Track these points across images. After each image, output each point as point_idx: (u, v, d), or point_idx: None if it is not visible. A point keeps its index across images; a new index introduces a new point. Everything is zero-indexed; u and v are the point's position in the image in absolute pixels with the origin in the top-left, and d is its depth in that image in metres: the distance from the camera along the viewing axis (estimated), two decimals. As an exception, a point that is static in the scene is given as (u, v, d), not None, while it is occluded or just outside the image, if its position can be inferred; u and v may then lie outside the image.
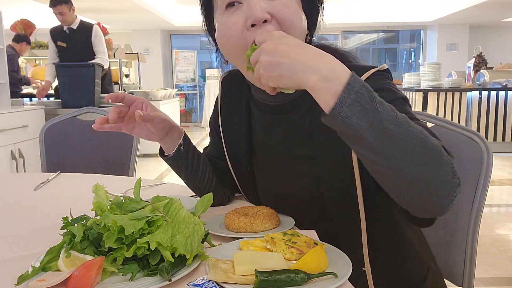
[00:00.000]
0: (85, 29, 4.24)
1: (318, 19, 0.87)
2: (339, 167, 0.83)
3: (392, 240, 0.90)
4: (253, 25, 0.76)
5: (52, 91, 5.09)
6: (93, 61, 4.10)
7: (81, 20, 4.27)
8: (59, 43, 4.26)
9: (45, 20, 4.43)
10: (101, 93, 4.06)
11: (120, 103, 0.88)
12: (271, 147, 0.95)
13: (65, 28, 4.23)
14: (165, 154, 0.97)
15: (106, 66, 4.32)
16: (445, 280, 1.07)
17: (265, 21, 0.75)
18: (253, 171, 1.00)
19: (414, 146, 0.59)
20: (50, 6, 4.08)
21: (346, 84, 0.58)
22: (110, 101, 0.86)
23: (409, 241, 0.92)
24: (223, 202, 1.08)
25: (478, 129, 5.85)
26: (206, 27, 0.90)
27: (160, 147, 0.98)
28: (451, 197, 0.63)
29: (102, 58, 4.24)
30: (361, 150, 0.63)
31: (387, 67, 0.85)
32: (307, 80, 0.60)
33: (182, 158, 0.97)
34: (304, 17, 0.81)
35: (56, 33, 4.28)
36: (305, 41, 0.85)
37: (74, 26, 4.22)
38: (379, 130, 0.58)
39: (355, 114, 0.57)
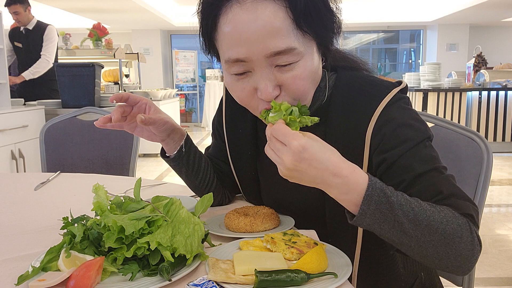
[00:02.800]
0: (40, 29, 4.23)
1: (334, 42, 0.82)
2: None
3: (382, 258, 0.89)
4: None
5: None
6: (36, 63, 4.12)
7: (38, 21, 4.26)
8: (15, 43, 4.28)
9: (45, 20, 4.42)
10: (34, 98, 4.00)
11: (123, 103, 0.88)
12: None
13: (21, 28, 4.23)
14: (166, 155, 0.97)
15: (43, 70, 4.20)
16: (446, 280, 1.07)
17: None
18: (257, 175, 0.99)
19: (433, 239, 0.65)
20: (5, 6, 4.08)
21: (365, 196, 0.63)
22: (115, 101, 0.85)
23: (400, 257, 0.91)
24: (223, 202, 1.08)
25: (478, 129, 5.85)
26: (210, 55, 0.83)
27: (162, 147, 0.98)
28: (470, 265, 0.68)
29: (43, 59, 4.18)
30: (385, 239, 0.68)
31: (406, 83, 0.84)
32: (328, 191, 0.65)
33: (183, 160, 0.96)
34: (319, 60, 0.78)
35: (14, 33, 4.30)
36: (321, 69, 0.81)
37: (30, 27, 4.22)
38: (400, 230, 0.64)
39: (377, 222, 0.64)
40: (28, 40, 4.24)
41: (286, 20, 0.69)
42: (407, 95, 0.85)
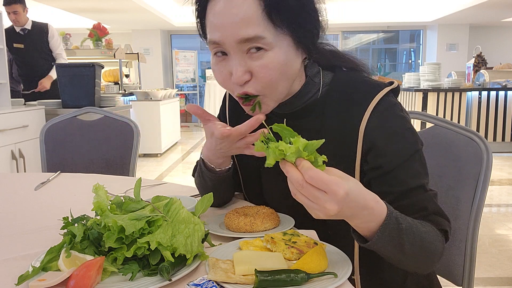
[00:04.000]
0: (40, 28, 4.24)
1: (317, 41, 0.85)
2: None
3: (376, 256, 0.90)
4: None
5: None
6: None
7: (33, 21, 4.27)
8: (15, 45, 4.25)
9: (45, 20, 4.43)
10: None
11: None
12: None
13: (18, 29, 4.21)
14: (217, 169, 0.95)
15: None
16: (446, 280, 1.07)
17: (247, 81, 0.78)
18: (259, 169, 1.00)
19: (421, 255, 0.74)
20: (4, 5, 4.07)
21: (382, 224, 0.67)
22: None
23: None
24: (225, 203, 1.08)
25: (478, 129, 5.85)
26: (204, 39, 0.89)
27: (199, 167, 0.97)
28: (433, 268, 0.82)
29: (60, 59, 4.26)
30: (380, 254, 0.73)
31: (398, 84, 0.87)
32: (351, 221, 0.67)
33: (232, 168, 0.97)
34: (296, 57, 0.80)
35: (10, 35, 4.19)
36: (301, 66, 0.85)
37: (28, 27, 4.22)
38: (399, 250, 0.71)
39: (385, 245, 0.69)
40: (30, 40, 4.23)
41: (257, 11, 0.74)
42: (399, 96, 0.90)
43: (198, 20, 0.85)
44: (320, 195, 0.59)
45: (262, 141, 0.64)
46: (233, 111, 1.03)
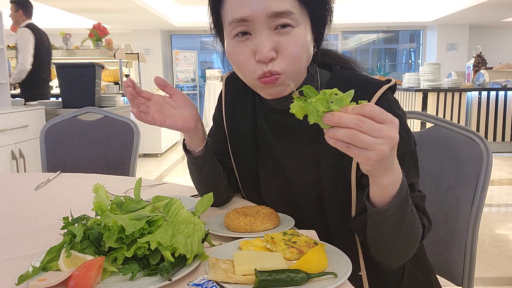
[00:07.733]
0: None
1: (325, 32, 0.88)
2: (340, 172, 0.84)
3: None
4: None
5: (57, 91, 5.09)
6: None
7: (27, 24, 4.17)
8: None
9: (45, 20, 4.42)
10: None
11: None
12: (277, 145, 0.96)
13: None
14: (192, 151, 0.97)
15: (18, 76, 4.06)
16: (445, 280, 1.07)
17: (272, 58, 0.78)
18: (256, 166, 1.00)
19: (409, 240, 0.76)
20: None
21: (399, 188, 0.68)
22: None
23: None
24: (225, 202, 1.08)
25: (477, 129, 5.85)
26: (214, 31, 0.90)
27: (186, 155, 0.98)
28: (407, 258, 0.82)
29: (16, 67, 4.06)
30: (372, 225, 0.75)
31: (394, 81, 0.87)
32: (385, 175, 0.66)
33: (208, 154, 0.97)
34: (311, 41, 0.83)
35: None
36: (312, 54, 0.87)
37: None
38: (398, 227, 0.72)
39: (393, 214, 0.69)
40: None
41: None
42: (398, 96, 0.90)
43: (212, 9, 0.85)
44: (381, 126, 0.60)
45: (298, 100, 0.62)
46: (230, 108, 1.03)
